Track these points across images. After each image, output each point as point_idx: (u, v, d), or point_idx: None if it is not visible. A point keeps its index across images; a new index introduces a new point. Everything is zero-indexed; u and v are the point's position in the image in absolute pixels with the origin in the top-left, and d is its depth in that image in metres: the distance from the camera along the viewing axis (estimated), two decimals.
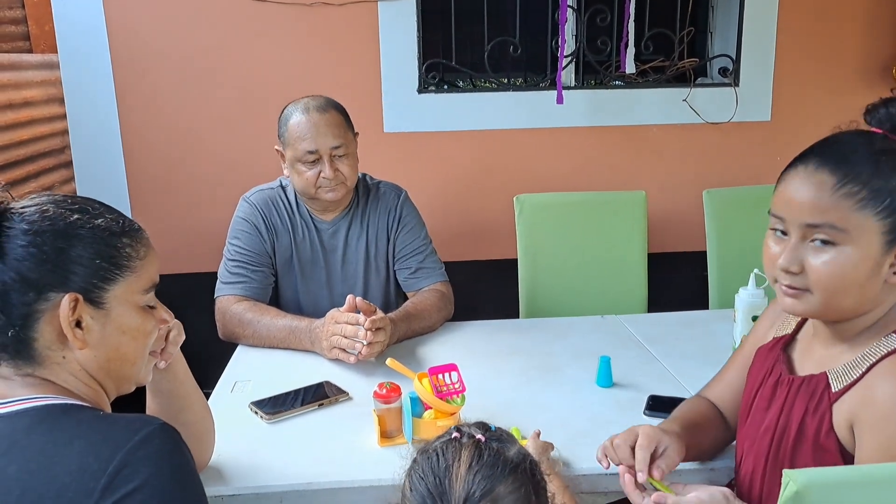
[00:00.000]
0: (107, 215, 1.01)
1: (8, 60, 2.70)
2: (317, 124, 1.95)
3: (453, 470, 0.90)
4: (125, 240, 1.01)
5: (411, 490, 0.92)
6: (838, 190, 1.04)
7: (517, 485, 0.90)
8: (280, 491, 1.30)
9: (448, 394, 1.42)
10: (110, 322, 0.99)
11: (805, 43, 2.88)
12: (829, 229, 1.04)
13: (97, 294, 0.98)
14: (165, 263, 3.01)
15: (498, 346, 1.94)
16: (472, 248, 2.96)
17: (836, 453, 1.06)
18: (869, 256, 1.04)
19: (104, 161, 2.78)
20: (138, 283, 1.02)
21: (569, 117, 2.85)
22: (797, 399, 1.13)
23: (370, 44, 2.75)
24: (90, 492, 0.82)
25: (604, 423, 1.50)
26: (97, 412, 0.95)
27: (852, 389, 1.05)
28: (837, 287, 1.05)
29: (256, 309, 1.95)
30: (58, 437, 0.88)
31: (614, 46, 2.85)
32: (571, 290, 2.51)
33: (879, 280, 1.06)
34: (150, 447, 0.86)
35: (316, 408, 1.59)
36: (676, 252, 2.94)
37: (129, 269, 1.01)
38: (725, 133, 2.90)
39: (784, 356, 1.22)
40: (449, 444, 0.94)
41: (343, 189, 2.01)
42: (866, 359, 1.06)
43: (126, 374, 1.05)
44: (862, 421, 1.02)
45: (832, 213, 1.04)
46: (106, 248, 0.99)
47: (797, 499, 0.87)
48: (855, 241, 1.03)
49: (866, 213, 1.03)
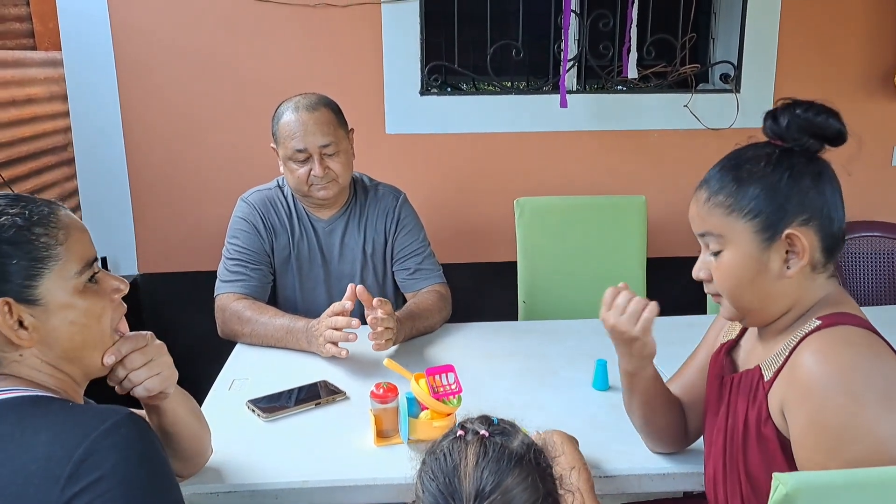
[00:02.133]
0: (9, 211, 0.98)
1: (12, 57, 2.71)
2: (305, 123, 1.97)
3: (461, 469, 0.93)
4: (37, 230, 0.98)
5: (423, 491, 0.95)
6: (708, 202, 1.16)
7: (524, 475, 0.94)
8: (276, 489, 1.31)
9: (444, 395, 1.43)
10: (52, 315, 0.98)
11: (806, 50, 2.89)
12: (710, 237, 1.17)
13: (27, 293, 0.96)
14: (166, 262, 3.02)
15: (495, 348, 1.94)
16: (472, 250, 2.97)
17: (774, 440, 1.10)
18: (749, 255, 1.13)
19: (106, 159, 2.79)
20: (67, 268, 0.99)
21: (570, 121, 2.85)
22: (739, 395, 1.19)
23: (373, 45, 2.76)
24: (56, 479, 0.83)
25: (600, 426, 1.51)
26: (66, 403, 0.96)
27: (780, 375, 1.11)
28: (733, 287, 1.16)
29: (255, 307, 1.96)
30: (26, 428, 0.88)
31: (616, 51, 2.86)
32: (570, 293, 2.51)
33: (771, 277, 1.13)
34: (116, 436, 0.87)
35: (313, 407, 1.60)
36: (675, 257, 2.95)
37: (50, 258, 0.98)
38: (726, 139, 2.87)
39: (728, 359, 1.30)
40: (454, 442, 0.97)
41: (335, 186, 2.02)
42: (788, 346, 1.12)
43: (91, 358, 1.04)
44: (789, 401, 1.07)
45: (707, 221, 1.17)
46: (16, 250, 0.96)
47: (786, 502, 0.88)
48: (733, 243, 1.14)
49: (734, 217, 1.13)
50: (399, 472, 1.33)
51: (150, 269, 2.84)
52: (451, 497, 0.91)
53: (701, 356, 1.41)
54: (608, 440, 1.46)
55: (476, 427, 0.99)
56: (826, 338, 1.07)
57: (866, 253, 2.58)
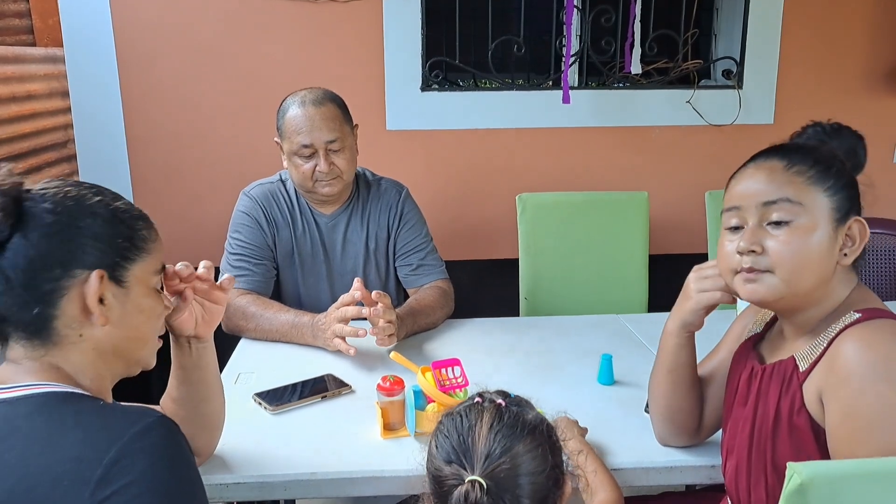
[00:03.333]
0: (121, 200, 1.05)
1: (12, 53, 2.70)
2: (312, 118, 1.96)
3: (476, 430, 0.98)
4: (140, 223, 1.05)
5: (437, 447, 1.00)
6: (789, 169, 1.13)
7: (535, 444, 0.98)
8: (285, 480, 1.31)
9: (451, 388, 1.43)
10: (129, 301, 1.02)
11: (809, 46, 2.89)
12: (786, 203, 1.11)
13: (119, 272, 1.01)
14: (168, 257, 3.01)
15: (500, 343, 1.94)
16: (474, 247, 2.96)
17: (807, 430, 1.10)
18: (824, 230, 1.11)
19: (108, 155, 2.78)
20: (152, 265, 1.06)
21: (572, 117, 2.85)
22: (770, 386, 1.18)
23: (374, 41, 2.76)
24: (86, 481, 0.82)
25: (605, 421, 1.51)
26: (97, 402, 0.95)
27: (818, 366, 1.10)
28: (797, 263, 1.11)
29: (260, 303, 1.95)
30: (56, 426, 0.88)
31: (618, 47, 2.86)
32: (572, 290, 2.51)
33: (833, 260, 1.12)
34: (147, 439, 0.86)
35: (319, 400, 1.59)
36: (678, 254, 2.95)
37: (145, 250, 1.04)
38: (728, 135, 2.90)
39: (755, 353, 1.28)
40: (472, 407, 1.02)
41: (340, 183, 2.01)
42: (827, 336, 1.11)
43: (137, 354, 1.07)
44: (827, 389, 1.07)
45: (787, 188, 1.12)
46: (126, 229, 1.02)
47: (801, 491, 0.87)
48: (810, 213, 1.11)
49: (816, 188, 1.11)
50: (406, 464, 1.33)
51: None
52: (463, 455, 0.96)
53: (723, 352, 1.39)
54: (615, 434, 1.46)
55: (493, 396, 1.05)
56: (869, 329, 1.07)
57: (868, 250, 2.58)
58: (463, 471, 0.95)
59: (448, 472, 0.97)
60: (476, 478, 0.94)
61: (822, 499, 0.88)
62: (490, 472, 0.94)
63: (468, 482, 0.94)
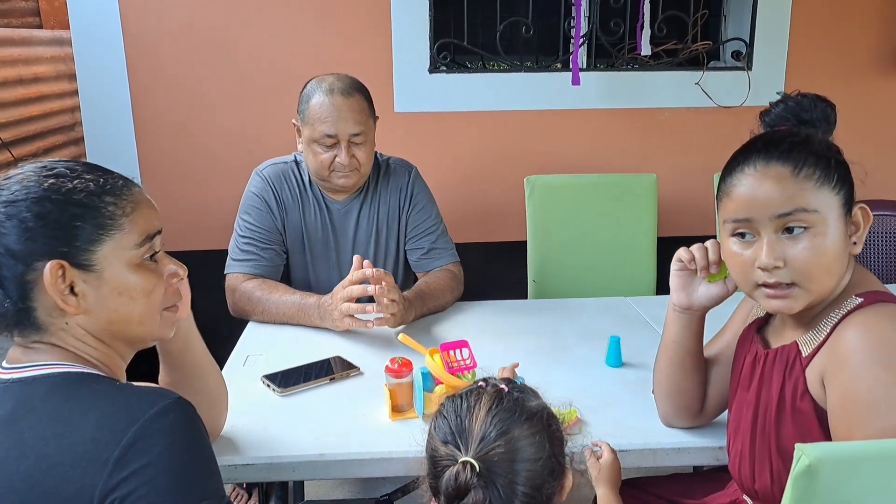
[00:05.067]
0: (85, 176, 0.99)
1: (18, 36, 2.70)
2: (340, 108, 1.92)
3: (474, 412, 0.98)
4: (107, 198, 0.98)
5: (435, 429, 1.01)
6: (797, 175, 1.09)
7: (532, 431, 0.97)
8: (293, 461, 1.32)
9: (459, 369, 1.43)
10: (104, 284, 0.98)
11: (819, 28, 2.86)
12: (801, 213, 1.08)
13: (84, 257, 0.96)
14: (176, 240, 3.02)
15: (508, 326, 1.94)
16: (482, 229, 2.96)
17: (811, 414, 1.10)
18: (837, 228, 1.09)
19: (115, 137, 2.77)
20: (129, 239, 1.00)
21: (580, 99, 2.83)
22: (774, 370, 1.18)
23: (382, 23, 2.74)
24: (104, 462, 0.83)
25: (613, 402, 1.51)
26: (113, 382, 0.96)
27: (820, 351, 1.10)
28: (821, 270, 1.09)
29: (266, 287, 1.95)
30: (73, 407, 0.88)
31: (627, 28, 2.84)
32: (580, 272, 2.51)
33: (847, 254, 1.12)
34: (164, 420, 0.87)
35: (327, 382, 1.60)
36: (686, 236, 2.94)
37: (114, 227, 0.98)
38: (737, 117, 2.88)
39: (759, 336, 1.27)
40: (474, 391, 1.03)
41: (356, 176, 1.99)
42: (830, 322, 1.11)
43: (135, 334, 1.03)
44: (829, 372, 1.07)
45: (799, 197, 1.08)
46: (84, 211, 0.96)
47: (809, 472, 0.87)
48: (825, 218, 1.08)
49: (825, 189, 1.08)
50: (414, 445, 1.34)
51: None
52: (459, 436, 0.96)
53: (728, 334, 1.39)
54: (623, 415, 1.46)
55: (497, 382, 1.05)
56: (871, 314, 1.07)
57: (876, 232, 2.57)
58: (457, 451, 0.95)
59: (443, 452, 0.97)
60: (468, 459, 0.93)
61: (829, 480, 0.88)
62: (483, 454, 0.94)
63: (460, 463, 0.93)
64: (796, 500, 0.89)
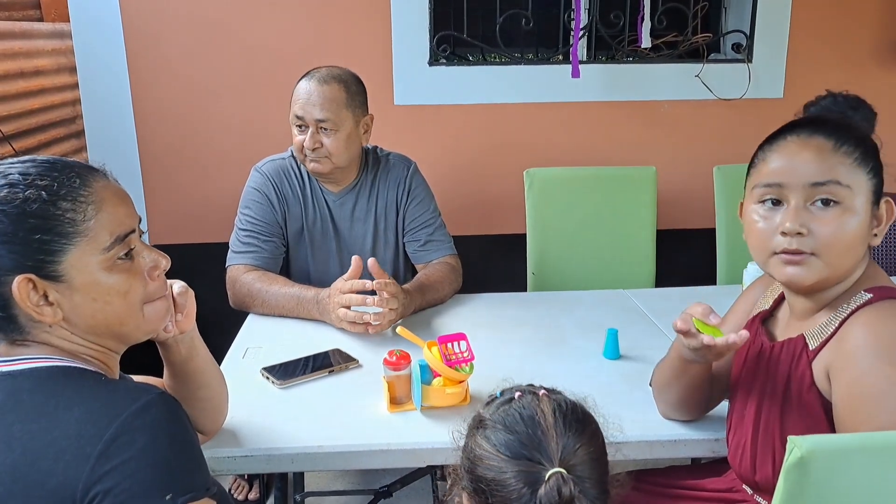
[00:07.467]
0: (38, 182, 0.93)
1: (19, 28, 2.70)
2: (311, 93, 1.96)
3: (541, 422, 0.92)
4: (63, 204, 0.94)
5: (494, 447, 0.92)
6: (838, 149, 1.10)
7: (592, 426, 0.96)
8: (292, 453, 1.33)
9: (457, 362, 1.44)
10: (76, 292, 0.95)
11: (819, 20, 2.85)
12: (834, 186, 1.09)
13: (51, 269, 0.93)
14: (177, 233, 3.03)
15: (506, 318, 1.95)
16: (482, 222, 2.96)
17: (817, 406, 1.11)
18: (865, 213, 1.10)
19: (116, 131, 2.78)
20: (94, 244, 0.95)
21: (580, 92, 2.83)
22: (779, 364, 1.18)
23: (381, 15, 2.74)
24: (87, 457, 0.83)
25: (610, 394, 1.51)
26: (99, 377, 0.96)
27: (828, 345, 1.11)
28: (843, 245, 1.10)
29: (265, 279, 1.96)
30: (59, 402, 0.89)
31: (627, 20, 2.83)
32: (580, 264, 2.51)
33: (867, 242, 1.13)
34: (146, 416, 0.87)
35: (326, 374, 1.61)
36: (686, 229, 2.94)
37: (76, 234, 0.94)
38: (737, 109, 2.88)
39: (764, 329, 1.28)
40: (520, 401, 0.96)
41: (327, 164, 2.00)
42: (839, 316, 1.11)
43: (120, 332, 1.02)
44: (835, 367, 1.08)
45: (836, 170, 1.09)
46: (42, 221, 0.92)
47: (801, 464, 0.88)
48: (856, 197, 1.10)
49: (862, 170, 1.10)
50: (412, 437, 1.36)
51: (161, 240, 2.85)
52: (536, 449, 0.90)
53: (728, 329, 1.36)
54: (620, 407, 1.44)
55: (530, 388, 0.99)
56: (879, 311, 1.08)
57: None
58: (540, 466, 0.89)
59: (517, 469, 0.90)
60: (559, 469, 0.88)
61: (822, 472, 0.89)
62: (569, 462, 0.90)
63: (554, 476, 0.88)
64: (789, 492, 0.90)
